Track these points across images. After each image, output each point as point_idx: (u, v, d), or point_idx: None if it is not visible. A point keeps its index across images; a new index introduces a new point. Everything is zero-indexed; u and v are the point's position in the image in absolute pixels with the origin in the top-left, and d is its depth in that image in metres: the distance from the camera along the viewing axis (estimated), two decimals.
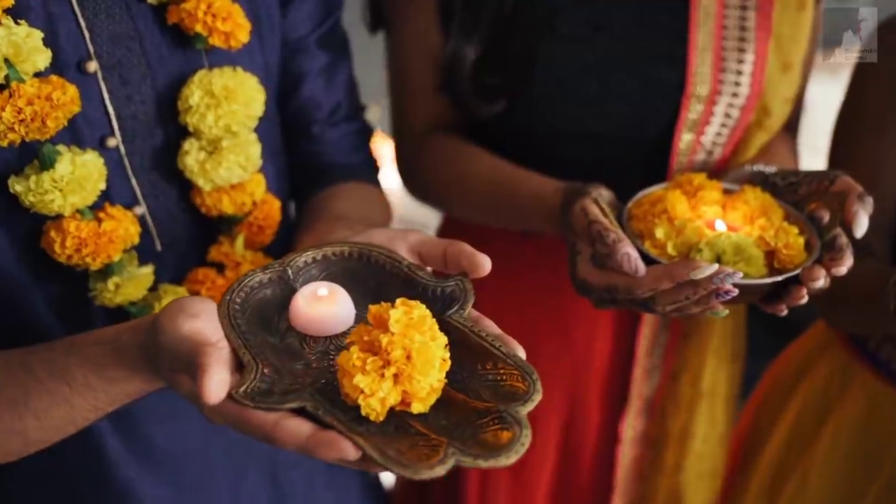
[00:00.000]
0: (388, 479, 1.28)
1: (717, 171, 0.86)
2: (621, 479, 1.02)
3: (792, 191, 0.71)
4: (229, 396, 0.47)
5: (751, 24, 0.81)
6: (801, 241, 0.65)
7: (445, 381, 0.50)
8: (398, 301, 0.50)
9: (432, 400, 0.49)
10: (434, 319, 0.51)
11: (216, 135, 0.65)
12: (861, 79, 0.88)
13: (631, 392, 0.96)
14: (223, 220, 0.71)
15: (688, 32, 0.80)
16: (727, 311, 0.64)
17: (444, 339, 0.50)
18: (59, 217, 0.60)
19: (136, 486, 0.72)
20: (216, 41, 0.64)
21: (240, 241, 0.70)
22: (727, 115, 0.83)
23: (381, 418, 0.47)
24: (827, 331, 0.98)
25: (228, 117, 0.65)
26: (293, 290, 0.56)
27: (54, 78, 0.57)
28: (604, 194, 0.70)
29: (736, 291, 0.60)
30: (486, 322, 0.54)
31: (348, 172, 0.83)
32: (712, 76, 0.81)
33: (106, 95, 0.63)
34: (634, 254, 0.62)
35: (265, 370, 0.49)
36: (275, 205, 0.72)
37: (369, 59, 0.99)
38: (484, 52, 0.82)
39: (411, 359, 0.47)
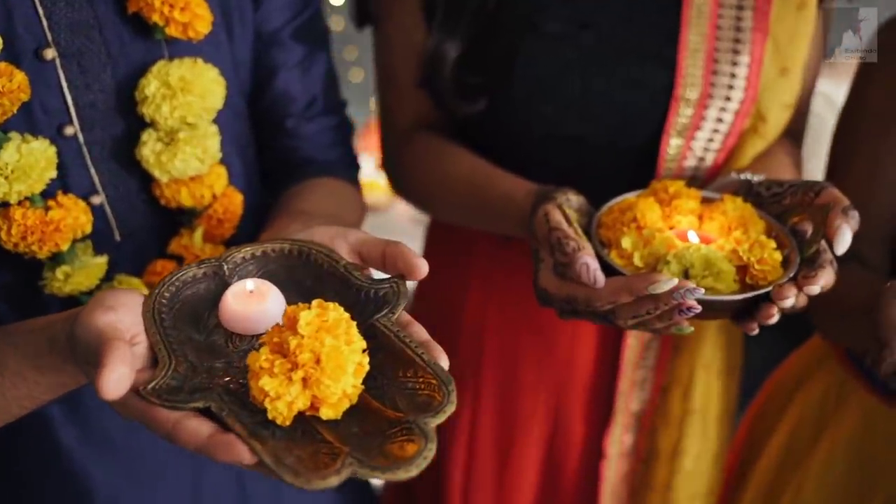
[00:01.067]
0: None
1: (709, 178, 0.82)
2: (608, 494, 0.98)
3: (776, 201, 0.67)
4: (136, 392, 0.46)
5: (747, 24, 0.77)
6: (778, 256, 0.61)
7: (363, 387, 0.48)
8: (314, 302, 0.48)
9: (344, 406, 0.47)
10: (354, 322, 0.49)
11: (172, 126, 0.65)
12: (862, 81, 0.84)
13: (616, 406, 0.92)
14: (184, 213, 0.70)
15: (679, 32, 0.77)
16: (692, 328, 0.60)
17: (361, 344, 0.48)
18: (6, 204, 0.60)
19: (91, 477, 0.71)
20: (174, 31, 0.64)
21: (198, 233, 0.69)
22: (719, 121, 0.78)
23: (288, 423, 0.46)
24: (824, 344, 0.93)
25: (184, 108, 0.64)
26: (228, 287, 0.55)
27: (2, 65, 0.57)
28: (572, 199, 0.67)
29: (699, 308, 0.56)
30: (415, 327, 0.52)
31: (324, 168, 0.81)
32: (703, 79, 0.77)
33: (64, 83, 0.62)
34: (594, 264, 0.58)
35: (179, 368, 0.48)
36: (236, 199, 0.71)
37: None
38: (466, 49, 0.79)
39: (321, 363, 0.45)
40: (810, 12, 0.77)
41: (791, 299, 0.58)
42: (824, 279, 0.59)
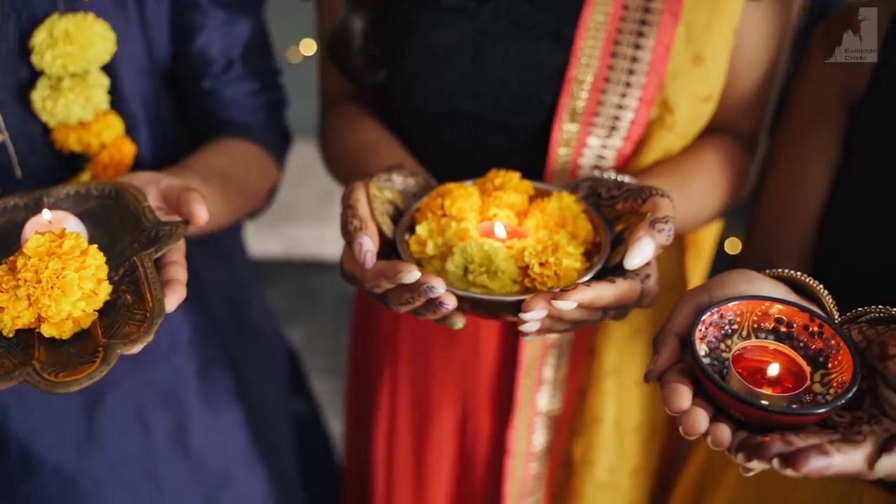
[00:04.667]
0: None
1: (615, 170, 0.77)
2: (514, 492, 0.95)
3: (611, 205, 0.63)
4: None
5: (657, 6, 0.72)
6: (571, 262, 0.57)
7: (96, 314, 0.51)
8: (56, 230, 0.51)
9: (69, 327, 0.50)
10: (100, 255, 0.52)
11: (56, 73, 0.70)
12: (795, 80, 0.76)
13: (517, 402, 0.89)
14: (82, 157, 0.76)
15: (581, 10, 0.73)
16: (460, 324, 0.58)
17: (97, 274, 0.51)
18: None
19: None
20: None
21: (84, 177, 0.75)
22: (620, 107, 0.74)
23: (11, 334, 0.49)
24: None
25: (64, 58, 0.69)
26: None
27: None
28: (395, 180, 0.66)
29: (449, 304, 0.55)
30: (173, 267, 0.55)
31: (241, 131, 0.85)
32: (601, 60, 0.73)
33: None
34: (368, 245, 0.58)
35: None
36: (125, 149, 0.76)
37: None
38: (372, 21, 0.80)
39: (42, 283, 0.49)
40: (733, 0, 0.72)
41: (537, 312, 0.54)
42: (585, 295, 0.54)
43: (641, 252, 0.54)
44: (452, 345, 0.92)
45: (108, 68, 0.74)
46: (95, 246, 0.52)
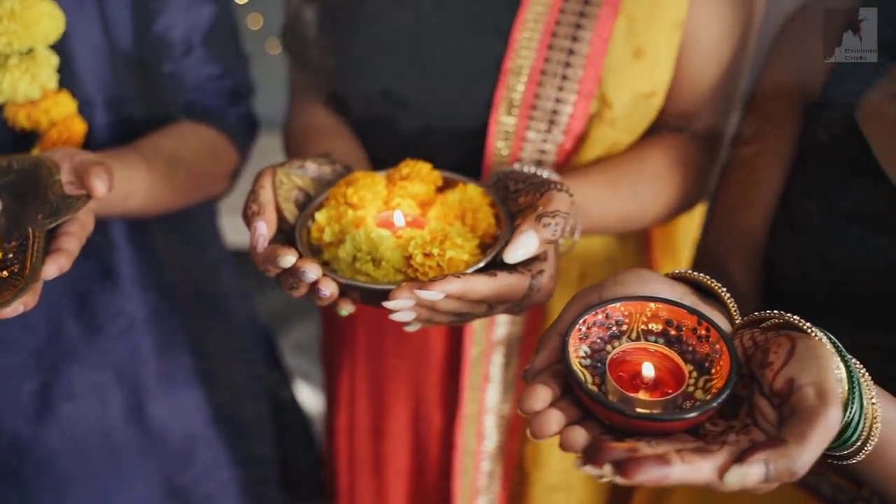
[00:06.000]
0: None
1: (558, 165, 0.76)
2: (466, 488, 0.94)
3: (515, 199, 0.61)
4: None
5: None
6: (456, 255, 0.56)
7: None
8: None
9: None
10: None
11: (1, 51, 0.72)
12: (756, 80, 0.73)
13: (463, 398, 0.88)
14: (34, 134, 0.78)
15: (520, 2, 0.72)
16: (346, 311, 0.58)
17: None
18: None
19: None
20: None
21: (34, 154, 0.77)
22: (558, 101, 0.72)
23: None
24: None
25: (9, 35, 0.72)
26: None
27: None
28: (309, 167, 0.66)
29: (326, 291, 0.55)
30: (66, 238, 0.56)
31: (201, 115, 0.86)
32: (538, 52, 0.71)
33: None
34: (262, 230, 0.58)
35: None
36: (75, 127, 0.78)
37: None
38: (323, 11, 0.80)
39: None
40: None
41: (401, 301, 0.53)
42: (453, 286, 0.52)
43: (524, 245, 0.53)
44: (404, 335, 0.91)
45: (61, 48, 0.76)
46: None
